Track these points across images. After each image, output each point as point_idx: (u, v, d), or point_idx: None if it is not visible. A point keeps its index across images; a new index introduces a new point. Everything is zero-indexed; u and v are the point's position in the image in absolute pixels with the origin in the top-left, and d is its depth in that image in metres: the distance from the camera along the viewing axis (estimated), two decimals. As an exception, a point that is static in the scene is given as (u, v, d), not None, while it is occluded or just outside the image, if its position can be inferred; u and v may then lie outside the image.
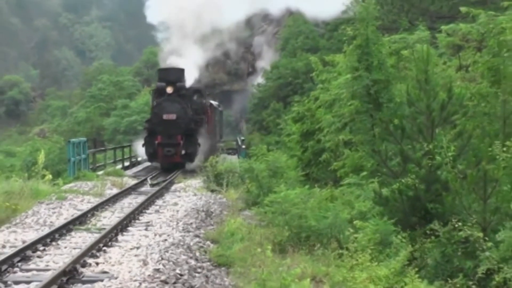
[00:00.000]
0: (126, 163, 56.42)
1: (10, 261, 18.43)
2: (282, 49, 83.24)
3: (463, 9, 31.79)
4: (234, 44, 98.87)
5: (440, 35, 32.15)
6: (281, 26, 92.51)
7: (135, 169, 53.35)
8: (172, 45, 68.04)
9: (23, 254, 19.56)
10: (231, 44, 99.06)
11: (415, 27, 33.79)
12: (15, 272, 17.93)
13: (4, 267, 17.76)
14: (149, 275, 17.06)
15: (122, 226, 24.55)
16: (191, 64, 64.31)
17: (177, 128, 47.14)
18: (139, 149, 53.74)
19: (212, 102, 66.45)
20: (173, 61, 63.56)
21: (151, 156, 49.00)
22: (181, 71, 51.90)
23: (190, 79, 60.32)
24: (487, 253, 18.77)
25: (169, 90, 48.30)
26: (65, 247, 21.33)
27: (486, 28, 27.08)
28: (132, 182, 40.34)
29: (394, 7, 40.81)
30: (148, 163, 56.97)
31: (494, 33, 26.03)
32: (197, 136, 49.78)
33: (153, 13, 74.97)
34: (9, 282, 16.90)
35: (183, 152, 46.76)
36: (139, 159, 58.71)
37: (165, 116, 46.94)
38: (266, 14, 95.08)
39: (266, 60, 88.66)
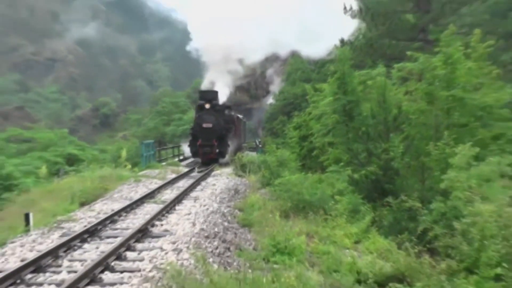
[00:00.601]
0: (181, 157, 56.46)
1: (103, 223, 18.63)
2: (286, 79, 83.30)
3: (409, 53, 31.86)
4: (255, 75, 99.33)
5: (393, 70, 32.23)
6: (285, 64, 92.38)
7: (186, 162, 53.13)
8: (210, 75, 67.10)
9: (112, 218, 19.74)
10: (253, 76, 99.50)
11: (376, 65, 33.87)
12: (106, 230, 18.10)
13: (99, 227, 17.96)
14: (196, 232, 17.18)
15: (178, 199, 24.66)
16: (222, 87, 64.26)
17: (212, 133, 46.76)
18: (185, 148, 54.35)
19: (239, 115, 65.50)
20: (210, 80, 65.51)
21: (194, 154, 48.71)
22: (215, 93, 52.04)
23: (222, 98, 59.65)
24: (423, 218, 18.90)
25: (207, 106, 48.27)
26: (140, 214, 21.50)
27: (424, 66, 27.18)
28: (185, 170, 40.26)
29: (362, 51, 40.73)
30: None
31: (429, 69, 26.15)
32: (227, 139, 49.77)
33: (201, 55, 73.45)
34: (102, 237, 17.11)
35: (217, 151, 46.64)
36: (188, 155, 55.57)
37: (204, 125, 47.07)
38: (277, 57, 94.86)
39: (275, 87, 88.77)
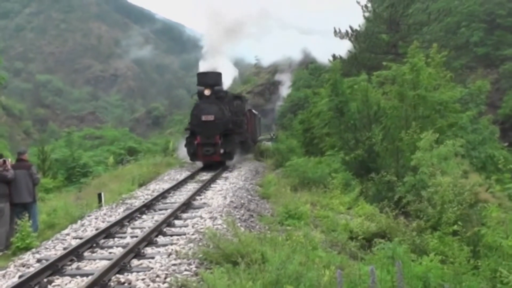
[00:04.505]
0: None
1: (157, 199, 18.63)
2: (292, 86, 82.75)
3: (384, 63, 32.14)
4: (269, 83, 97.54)
5: (373, 77, 32.32)
6: (293, 70, 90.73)
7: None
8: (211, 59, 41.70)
9: (163, 195, 19.73)
10: (267, 84, 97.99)
11: (360, 74, 33.91)
12: (159, 204, 18.11)
13: (154, 202, 17.98)
14: (227, 204, 17.19)
15: (213, 179, 24.63)
16: (226, 72, 40.90)
17: (215, 128, 30.50)
18: (183, 148, 33.63)
19: (254, 111, 50.47)
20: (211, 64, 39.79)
21: (192, 155, 31.37)
22: (218, 75, 32.97)
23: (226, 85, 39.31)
24: (399, 188, 19.00)
25: (207, 92, 31.38)
26: (184, 191, 21.46)
27: (396, 73, 27.32)
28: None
29: (349, 63, 40.81)
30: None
31: (399, 75, 26.28)
32: (235, 135, 32.58)
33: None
34: (156, 209, 17.15)
35: (221, 151, 30.43)
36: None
37: (203, 118, 30.60)
38: (290, 62, 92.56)
39: (285, 91, 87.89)
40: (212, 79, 31.76)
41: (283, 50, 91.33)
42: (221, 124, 30.32)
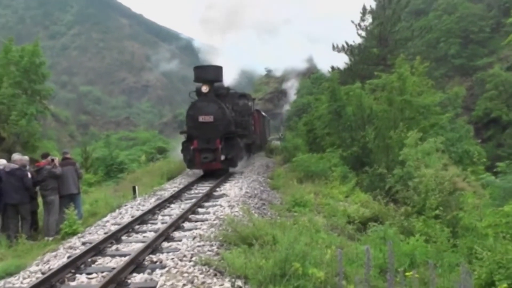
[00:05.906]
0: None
1: (183, 191, 18.70)
2: (297, 93, 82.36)
3: (375, 73, 31.96)
4: (277, 91, 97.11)
5: (366, 85, 32.21)
6: (299, 76, 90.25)
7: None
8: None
9: (188, 187, 19.82)
10: (276, 92, 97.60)
11: (355, 82, 33.64)
12: (185, 195, 18.13)
13: (180, 193, 18.04)
14: (243, 194, 17.18)
15: (230, 173, 24.55)
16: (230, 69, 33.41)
17: (215, 131, 22.86)
18: (179, 154, 25.34)
19: (262, 112, 45.25)
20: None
21: (189, 162, 23.53)
22: (218, 69, 24.11)
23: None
24: (389, 179, 18.96)
25: (205, 89, 23.31)
26: (205, 185, 21.41)
27: (385, 81, 27.26)
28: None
29: (345, 73, 40.63)
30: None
31: (388, 83, 26.26)
32: (239, 138, 24.61)
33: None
34: (183, 199, 17.16)
35: (222, 157, 22.91)
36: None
37: (201, 118, 22.93)
38: (295, 71, 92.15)
39: (291, 97, 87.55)
40: (211, 74, 23.91)
41: (291, 61, 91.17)
42: (221, 126, 23.27)
